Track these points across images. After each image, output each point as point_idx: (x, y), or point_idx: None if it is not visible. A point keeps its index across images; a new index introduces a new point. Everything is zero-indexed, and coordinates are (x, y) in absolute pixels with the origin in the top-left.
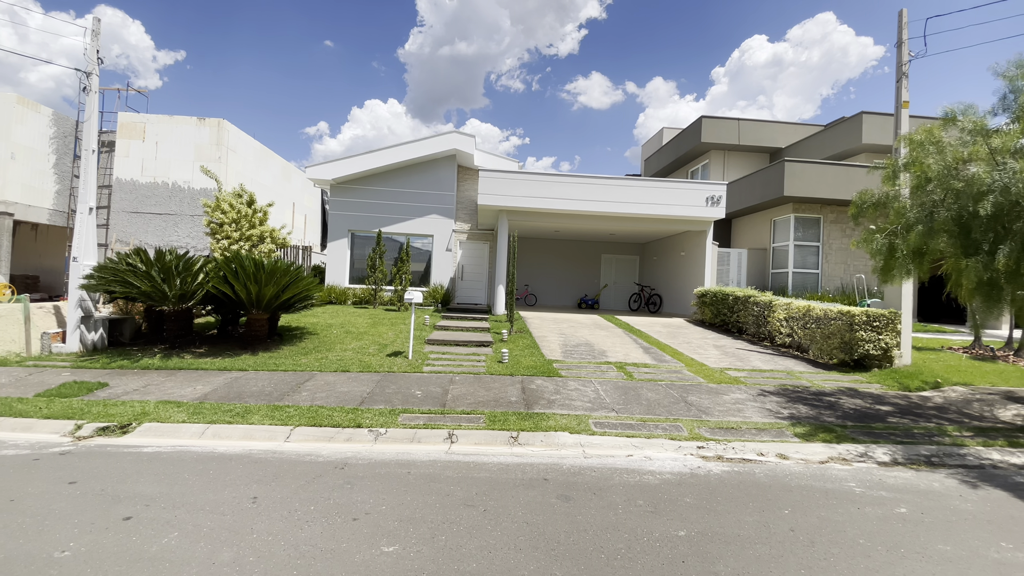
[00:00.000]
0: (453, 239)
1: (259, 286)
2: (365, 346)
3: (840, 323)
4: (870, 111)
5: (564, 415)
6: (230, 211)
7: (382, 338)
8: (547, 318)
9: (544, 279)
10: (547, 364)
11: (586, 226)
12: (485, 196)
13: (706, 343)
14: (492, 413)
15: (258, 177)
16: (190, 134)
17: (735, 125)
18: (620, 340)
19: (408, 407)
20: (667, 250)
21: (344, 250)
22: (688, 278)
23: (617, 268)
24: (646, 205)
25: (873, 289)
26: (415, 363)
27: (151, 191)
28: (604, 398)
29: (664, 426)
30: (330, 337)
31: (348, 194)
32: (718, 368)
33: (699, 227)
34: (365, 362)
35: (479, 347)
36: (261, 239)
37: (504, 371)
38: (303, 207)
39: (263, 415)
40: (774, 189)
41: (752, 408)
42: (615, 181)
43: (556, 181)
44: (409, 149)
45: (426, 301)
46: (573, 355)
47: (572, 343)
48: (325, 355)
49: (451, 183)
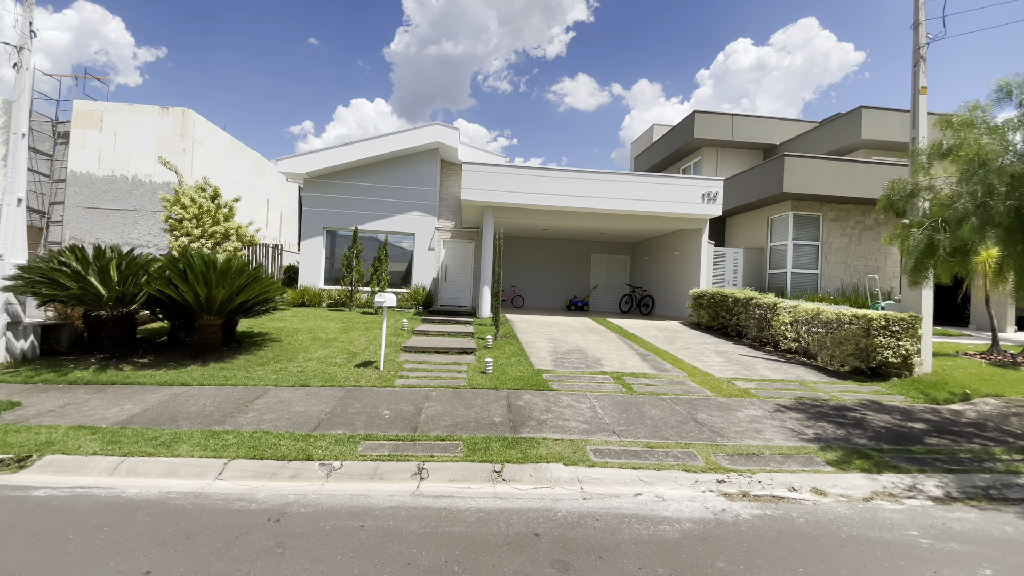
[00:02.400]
0: (436, 238)
1: (209, 288)
2: (332, 355)
3: (855, 328)
4: (869, 105)
5: (557, 440)
6: (191, 206)
7: (353, 345)
8: (535, 321)
9: (532, 280)
10: (536, 375)
11: (576, 224)
12: (469, 191)
13: (706, 349)
14: (472, 439)
15: (228, 171)
16: (152, 124)
17: (729, 121)
18: (615, 346)
19: (372, 432)
20: (660, 250)
21: (319, 249)
22: (682, 279)
23: (607, 268)
24: (639, 202)
25: (876, 290)
26: (386, 375)
27: (109, 185)
28: (603, 417)
29: (675, 453)
30: (295, 344)
31: (324, 189)
32: (724, 378)
33: (694, 225)
34: (329, 374)
35: (461, 355)
36: (226, 236)
37: (488, 384)
38: (279, 204)
39: (195, 444)
40: (772, 185)
41: (771, 428)
42: (607, 176)
43: (544, 176)
44: (389, 142)
45: (406, 303)
46: (565, 364)
47: (563, 350)
48: (285, 366)
49: (434, 178)
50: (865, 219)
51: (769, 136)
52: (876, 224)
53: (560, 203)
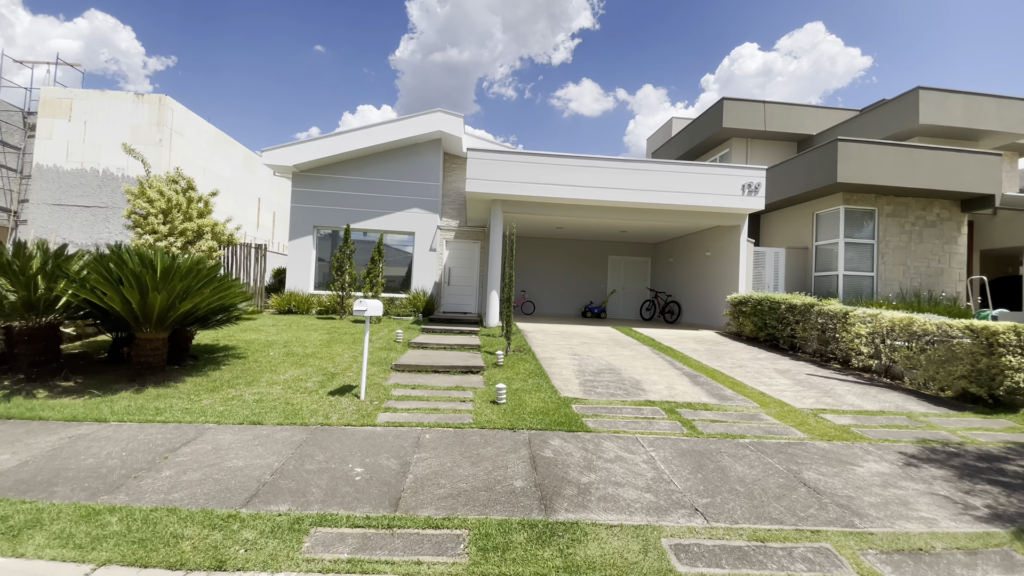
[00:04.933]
0: (438, 237)
1: (142, 294)
2: (304, 377)
3: (969, 344)
4: (928, 86)
5: (614, 526)
6: (159, 199)
7: (334, 363)
8: (551, 331)
9: (543, 285)
10: (563, 407)
11: (595, 220)
12: (475, 182)
13: (763, 367)
14: (482, 524)
15: (213, 166)
16: (126, 112)
17: (760, 109)
18: (652, 363)
19: (331, 509)
20: (687, 250)
21: (308, 250)
22: (715, 283)
23: (626, 272)
24: (669, 194)
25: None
26: (367, 407)
27: (78, 179)
28: (670, 478)
29: (803, 553)
30: (262, 362)
31: (314, 184)
32: (808, 409)
33: (731, 221)
34: (293, 406)
35: (465, 375)
36: (199, 235)
37: (501, 420)
38: (271, 204)
39: (55, 533)
40: (822, 175)
41: (918, 495)
42: (632, 165)
43: (560, 164)
44: (386, 131)
45: (405, 310)
46: (597, 389)
47: (591, 368)
48: (240, 393)
49: (436, 172)
50: (926, 214)
51: (804, 126)
52: (939, 220)
53: (578, 196)
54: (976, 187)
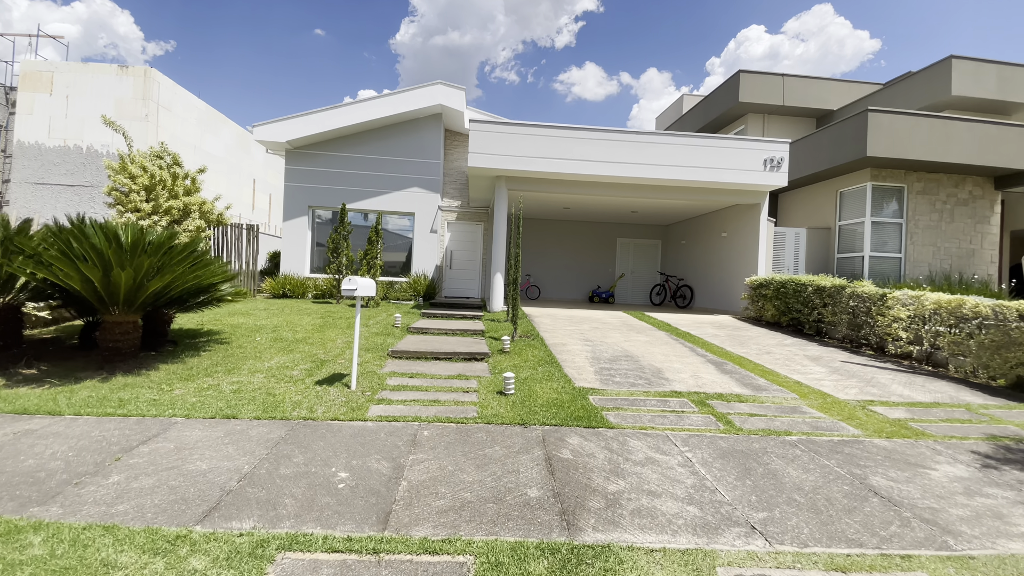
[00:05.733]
0: (439, 218)
1: (105, 272)
2: (291, 364)
3: None
4: (961, 55)
5: (655, 553)
6: (141, 175)
7: (325, 349)
8: (559, 316)
9: (549, 268)
10: (579, 398)
11: (605, 199)
12: (478, 156)
13: (791, 353)
14: (491, 551)
15: (203, 144)
16: (109, 86)
17: (779, 82)
18: (671, 349)
19: (305, 526)
20: (701, 231)
21: (303, 231)
22: (732, 265)
23: (636, 255)
24: (686, 169)
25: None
26: (358, 400)
27: (61, 157)
28: (715, 488)
29: None
30: (246, 348)
31: (309, 161)
32: (853, 400)
33: (751, 199)
34: (275, 397)
35: (469, 362)
36: (185, 213)
37: (510, 414)
38: (267, 185)
39: None
40: (849, 149)
41: (1011, 505)
42: (647, 137)
43: (570, 137)
44: (384, 104)
45: (405, 294)
46: (615, 378)
47: (606, 355)
48: (218, 382)
49: (436, 149)
50: (958, 192)
51: (825, 100)
52: (972, 198)
53: (588, 171)
54: (1016, 162)
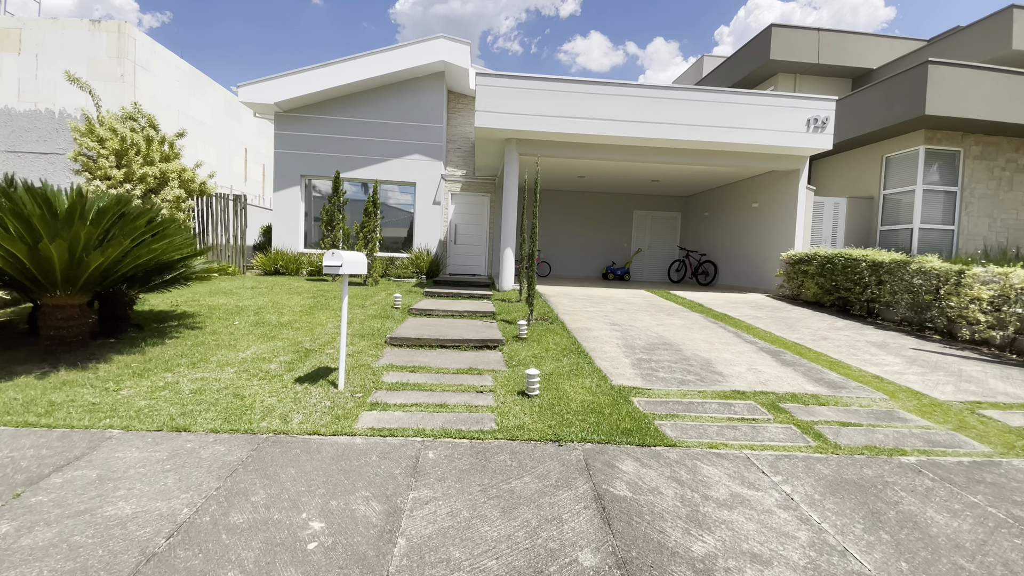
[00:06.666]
0: (443, 189)
1: (32, 244)
2: (270, 354)
3: None
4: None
5: None
6: (111, 139)
7: (313, 335)
8: (576, 295)
9: (560, 244)
10: (621, 401)
11: (627, 165)
12: (486, 115)
13: (849, 338)
14: None
15: (188, 109)
16: (82, 43)
17: (814, 37)
18: (713, 335)
19: None
20: (727, 202)
21: (296, 203)
22: (763, 239)
23: (653, 229)
24: (720, 130)
25: None
26: (345, 404)
27: (32, 122)
28: (843, 547)
29: None
30: (221, 334)
31: (301, 126)
32: (955, 402)
33: (789, 164)
34: (243, 400)
35: (480, 351)
36: (163, 182)
37: (539, 426)
38: (260, 155)
39: None
40: (904, 107)
41: None
42: (680, 93)
43: (592, 93)
44: (382, 60)
45: (406, 271)
46: (657, 372)
47: (640, 342)
48: (178, 379)
49: (439, 112)
50: (1019, 157)
51: (863, 58)
52: None
53: (612, 132)
54: None
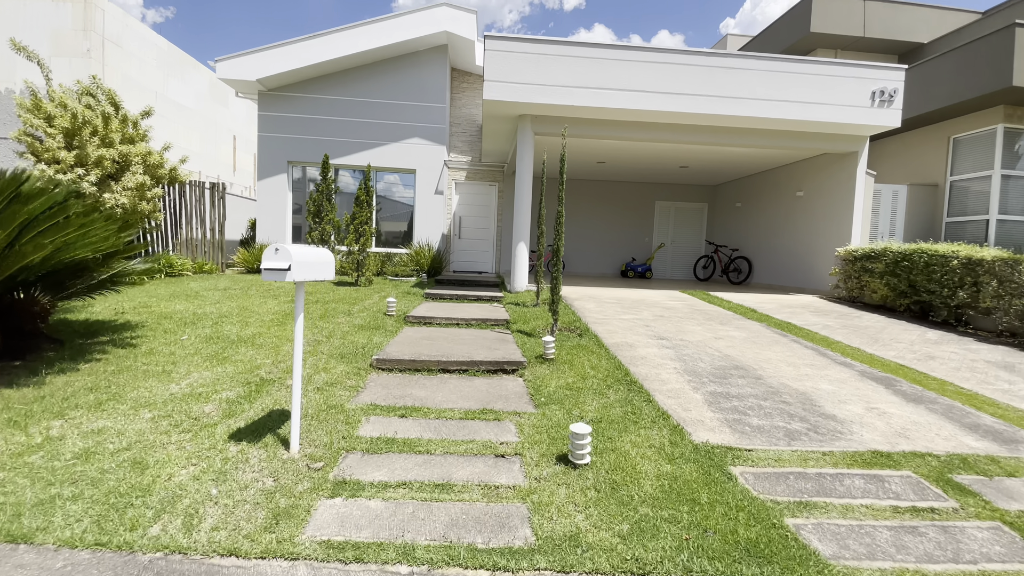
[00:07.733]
0: (446, 177)
1: None
2: (211, 387)
3: None
4: None
5: None
6: (61, 116)
7: (276, 355)
8: (603, 298)
9: (575, 238)
10: (716, 473)
11: (656, 147)
12: (496, 86)
13: (960, 356)
14: None
15: (168, 91)
16: (45, 15)
17: (859, 8)
18: (792, 353)
19: None
20: (763, 191)
21: (282, 192)
22: (810, 232)
23: (676, 221)
24: (772, 104)
25: None
26: (296, 484)
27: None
28: None
29: None
30: (160, 354)
31: (287, 106)
32: None
33: (846, 145)
34: (141, 475)
35: (494, 376)
36: (123, 166)
37: (599, 535)
38: (250, 143)
39: None
40: (985, 78)
41: None
42: (724, 61)
43: (621, 59)
44: (377, 31)
45: (405, 269)
46: (748, 416)
47: (703, 365)
48: (69, 429)
49: (442, 91)
50: None
51: (913, 31)
52: None
53: (645, 106)
54: None
